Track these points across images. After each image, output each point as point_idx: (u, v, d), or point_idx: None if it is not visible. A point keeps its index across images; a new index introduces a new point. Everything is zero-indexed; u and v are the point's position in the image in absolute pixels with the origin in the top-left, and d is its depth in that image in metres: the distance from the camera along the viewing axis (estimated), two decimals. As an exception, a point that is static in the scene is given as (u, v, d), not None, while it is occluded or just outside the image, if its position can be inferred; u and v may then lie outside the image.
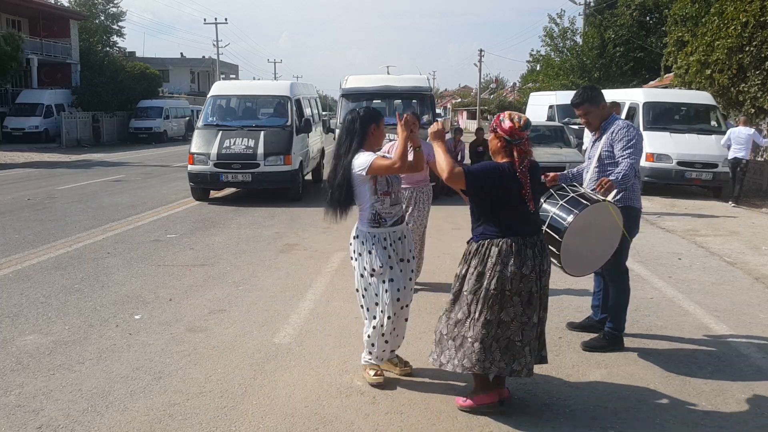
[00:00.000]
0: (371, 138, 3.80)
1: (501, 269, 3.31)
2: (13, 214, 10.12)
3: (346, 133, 3.83)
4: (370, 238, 3.76)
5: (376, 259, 3.73)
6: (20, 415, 3.52)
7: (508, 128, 3.34)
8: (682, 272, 6.73)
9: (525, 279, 3.33)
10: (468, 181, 3.34)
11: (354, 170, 3.69)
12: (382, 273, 3.74)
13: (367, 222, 3.78)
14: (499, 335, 3.36)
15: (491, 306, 3.33)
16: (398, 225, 3.83)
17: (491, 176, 3.35)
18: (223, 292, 5.87)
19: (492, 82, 75.99)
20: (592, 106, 4.36)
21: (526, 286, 3.35)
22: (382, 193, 3.74)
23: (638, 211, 4.49)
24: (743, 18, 13.47)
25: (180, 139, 33.53)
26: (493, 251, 3.34)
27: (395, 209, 3.81)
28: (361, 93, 12.75)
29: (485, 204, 3.40)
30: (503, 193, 3.34)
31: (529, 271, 3.33)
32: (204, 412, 3.54)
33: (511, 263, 3.31)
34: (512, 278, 3.31)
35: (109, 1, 43.52)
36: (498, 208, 3.37)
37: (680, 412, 3.59)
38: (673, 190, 13.19)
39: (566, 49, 31.65)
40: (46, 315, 5.21)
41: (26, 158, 22.09)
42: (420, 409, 3.59)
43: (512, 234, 3.35)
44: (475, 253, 3.40)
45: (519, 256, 3.32)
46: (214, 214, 10.24)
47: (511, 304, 3.34)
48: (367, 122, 3.80)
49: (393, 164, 3.61)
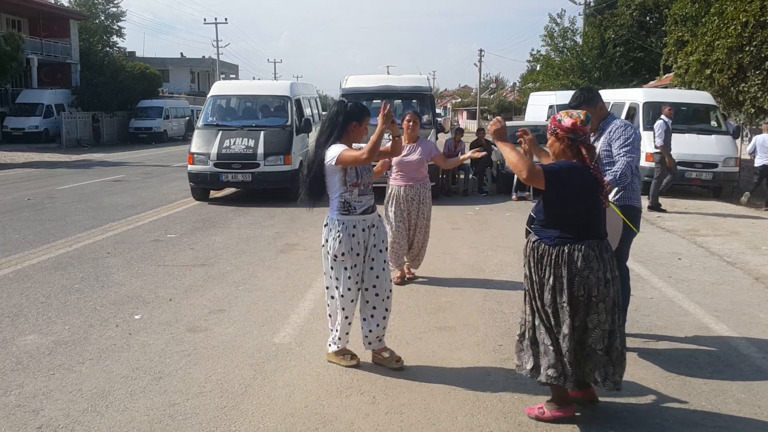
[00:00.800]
0: (350, 134, 3.95)
1: (588, 275, 3.16)
2: (13, 214, 10.12)
3: (328, 122, 3.97)
4: (338, 224, 3.90)
5: (341, 245, 3.87)
6: (20, 415, 3.52)
7: (570, 125, 3.21)
8: (682, 272, 6.73)
9: (608, 284, 3.20)
10: (548, 179, 3.18)
11: (325, 160, 3.85)
12: (344, 260, 3.90)
13: (337, 210, 3.93)
14: (583, 343, 3.22)
15: (578, 313, 3.19)
16: (368, 214, 3.97)
17: (571, 174, 3.19)
18: (223, 292, 5.87)
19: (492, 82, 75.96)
20: (590, 107, 4.37)
21: (609, 291, 3.21)
22: (351, 185, 3.88)
23: (638, 210, 4.48)
24: (743, 18, 13.47)
25: (180, 139, 33.53)
26: (577, 256, 3.17)
27: (364, 199, 3.95)
28: (361, 93, 12.75)
29: (564, 205, 3.22)
30: (583, 192, 3.20)
31: (610, 276, 3.21)
32: (204, 412, 3.54)
33: (597, 268, 3.17)
34: (598, 284, 3.17)
35: (109, 1, 43.47)
36: (577, 209, 3.22)
37: (680, 412, 3.59)
38: (673, 190, 13.18)
39: (566, 49, 31.65)
40: (46, 315, 5.21)
41: (26, 158, 22.09)
42: (420, 409, 3.59)
43: (592, 236, 3.22)
44: (557, 258, 3.22)
45: (602, 259, 3.20)
46: (214, 214, 10.24)
47: (596, 311, 3.20)
48: (349, 118, 3.93)
49: (360, 155, 3.75)
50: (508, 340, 4.66)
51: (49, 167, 19.10)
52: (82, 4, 41.94)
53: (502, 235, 8.70)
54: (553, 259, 3.23)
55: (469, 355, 4.38)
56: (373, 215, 4.03)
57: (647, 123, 13.12)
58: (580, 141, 3.22)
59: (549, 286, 3.24)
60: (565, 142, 3.24)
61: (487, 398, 3.73)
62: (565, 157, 3.27)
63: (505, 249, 7.71)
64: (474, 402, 3.68)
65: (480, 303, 5.55)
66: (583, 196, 3.21)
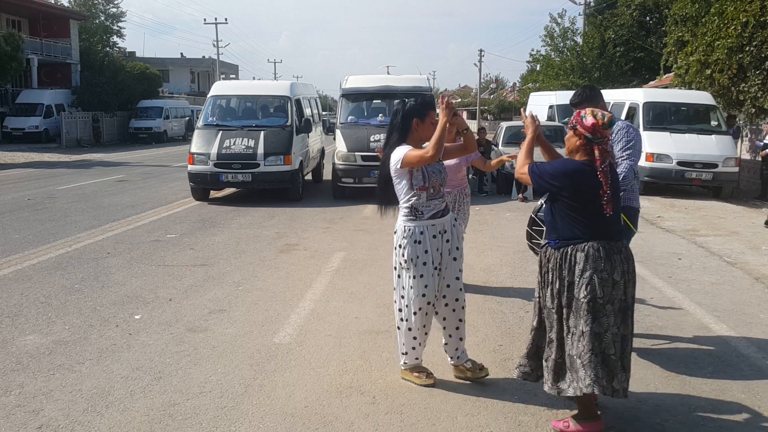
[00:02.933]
0: (414, 132, 3.70)
1: (590, 275, 3.08)
2: (13, 214, 10.12)
3: (390, 126, 3.77)
4: (405, 231, 3.68)
5: (405, 251, 3.66)
6: (20, 415, 3.52)
7: (590, 125, 3.12)
8: (682, 272, 6.73)
9: (617, 286, 3.11)
10: (533, 179, 3.22)
11: (390, 164, 3.66)
12: (408, 267, 3.67)
13: (404, 216, 3.71)
14: (596, 349, 3.09)
15: (585, 317, 3.09)
16: (438, 218, 3.70)
17: (566, 174, 3.16)
18: (223, 292, 5.87)
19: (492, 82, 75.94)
20: (591, 104, 4.36)
21: (618, 294, 3.12)
22: (418, 188, 3.64)
23: (636, 211, 4.49)
24: (743, 18, 13.46)
25: (180, 139, 33.55)
26: (579, 257, 3.12)
27: (434, 203, 3.69)
28: (361, 93, 12.76)
29: (563, 205, 3.20)
30: (581, 194, 3.14)
31: (620, 278, 3.12)
32: (204, 412, 3.54)
33: (602, 269, 3.09)
34: (603, 285, 3.08)
35: (109, 1, 43.50)
36: (577, 210, 3.15)
37: (680, 412, 3.59)
38: (673, 190, 13.19)
39: (566, 49, 31.64)
40: (46, 315, 5.21)
41: (26, 158, 22.09)
42: (420, 409, 3.59)
43: (597, 237, 3.13)
44: (560, 261, 3.18)
45: (609, 261, 3.11)
46: (214, 214, 10.24)
47: (604, 313, 3.09)
48: (410, 115, 3.69)
49: (425, 153, 3.52)
50: (508, 340, 4.66)
51: (49, 167, 19.09)
52: (82, 4, 41.95)
53: (501, 235, 8.69)
54: (557, 262, 3.20)
55: (469, 355, 4.38)
56: (444, 219, 3.73)
57: (647, 123, 13.14)
58: (596, 142, 3.13)
59: (555, 289, 3.20)
60: (582, 139, 3.17)
61: (487, 398, 3.73)
62: (578, 154, 3.20)
63: (504, 249, 7.70)
64: (474, 402, 3.68)
65: (480, 303, 5.55)
66: (581, 197, 3.14)
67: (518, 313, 5.30)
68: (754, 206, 12.09)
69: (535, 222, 4.47)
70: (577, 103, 4.35)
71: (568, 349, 3.16)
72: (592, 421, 3.26)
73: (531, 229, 4.52)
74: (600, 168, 3.10)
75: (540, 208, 4.42)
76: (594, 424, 3.26)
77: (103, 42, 41.24)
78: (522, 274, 6.50)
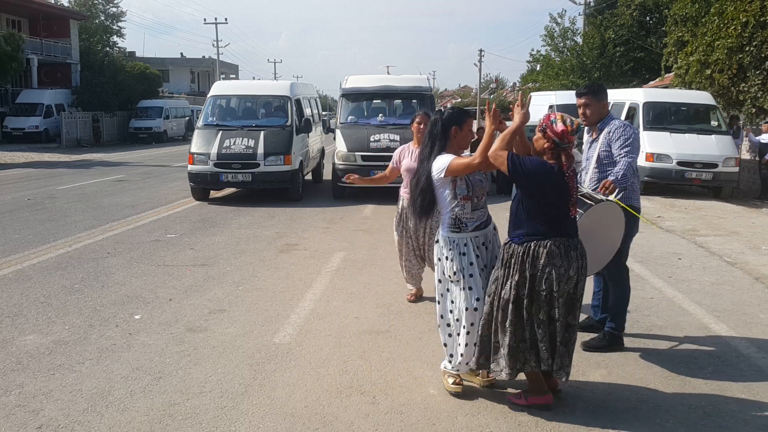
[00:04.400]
0: (453, 141, 3.66)
1: (550, 270, 3.29)
2: (13, 214, 10.12)
3: (428, 135, 3.72)
4: (449, 242, 3.63)
5: (452, 264, 3.61)
6: (20, 415, 3.52)
7: (560, 131, 3.25)
8: (682, 272, 6.73)
9: (570, 281, 3.33)
10: (510, 167, 3.27)
11: (433, 174, 3.60)
12: (458, 280, 3.61)
13: (448, 226, 3.65)
14: (543, 335, 3.36)
15: (541, 307, 3.33)
16: (481, 230, 3.67)
17: (538, 172, 3.29)
18: (223, 292, 5.87)
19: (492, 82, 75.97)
20: (595, 99, 4.39)
21: (569, 288, 3.34)
22: (462, 198, 3.59)
23: (637, 210, 4.49)
24: (743, 18, 13.46)
25: (180, 139, 33.54)
26: (541, 252, 3.31)
27: (477, 214, 3.65)
28: (361, 93, 12.76)
29: (530, 202, 3.36)
30: (551, 192, 3.29)
31: (574, 273, 3.33)
32: (204, 412, 3.54)
33: (560, 265, 3.30)
34: (559, 280, 3.30)
35: (109, 1, 43.51)
36: (544, 208, 3.33)
37: (680, 412, 3.59)
38: (673, 190, 13.19)
39: (566, 49, 31.64)
40: (46, 315, 5.21)
41: (26, 158, 22.09)
42: (420, 409, 3.59)
43: (557, 235, 3.33)
44: (523, 256, 3.34)
45: (567, 257, 3.32)
46: (214, 214, 10.24)
47: (557, 305, 3.33)
48: (449, 124, 3.66)
49: (472, 161, 3.46)
50: (508, 340, 4.66)
51: (49, 167, 19.09)
52: (82, 4, 41.95)
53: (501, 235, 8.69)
54: (519, 257, 3.36)
55: (469, 355, 4.38)
56: (486, 231, 3.72)
57: (647, 123, 13.14)
58: (562, 147, 3.29)
59: (513, 281, 3.36)
60: (549, 143, 3.31)
61: (487, 398, 3.73)
62: (545, 156, 3.35)
63: (505, 249, 7.70)
64: (474, 402, 3.68)
65: (480, 303, 5.54)
66: (550, 197, 3.31)
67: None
68: (754, 206, 12.09)
69: None
70: (583, 93, 4.42)
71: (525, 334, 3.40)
72: (540, 394, 3.56)
73: None
74: (567, 173, 3.29)
75: None
76: (541, 397, 3.55)
77: (103, 42, 41.23)
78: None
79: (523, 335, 3.40)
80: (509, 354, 3.41)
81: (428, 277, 6.34)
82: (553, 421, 3.46)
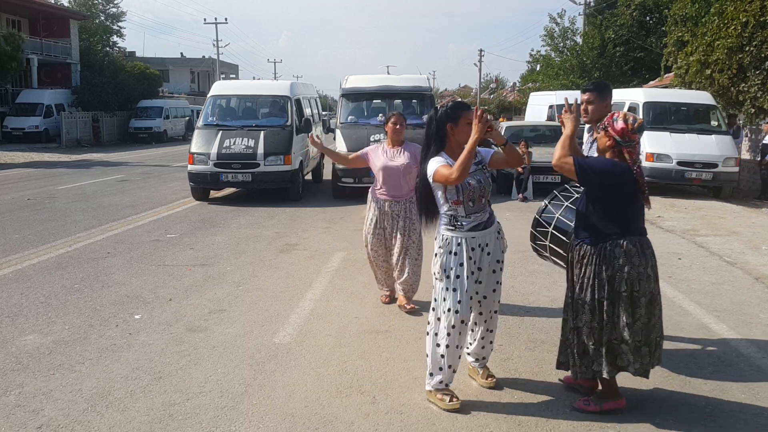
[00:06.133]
0: (451, 138, 3.55)
1: (629, 270, 3.28)
2: (13, 214, 10.12)
3: (425, 135, 3.64)
4: (443, 240, 3.57)
5: (439, 260, 3.55)
6: (20, 415, 3.52)
7: (620, 129, 3.26)
8: (682, 272, 6.73)
9: (649, 279, 3.31)
10: (579, 171, 3.28)
11: (427, 176, 3.54)
12: (441, 278, 3.53)
13: (444, 224, 3.59)
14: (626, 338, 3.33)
15: (624, 309, 3.30)
16: (480, 230, 3.55)
17: (609, 171, 3.29)
18: (223, 292, 5.87)
19: (492, 82, 75.93)
20: (599, 98, 4.36)
21: (650, 287, 3.32)
22: (453, 202, 3.51)
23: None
24: (743, 18, 13.46)
25: (180, 139, 33.53)
26: (618, 252, 3.29)
27: (475, 215, 3.54)
28: (361, 93, 12.76)
29: (600, 202, 3.35)
30: (622, 190, 3.30)
31: (651, 272, 3.33)
32: (204, 412, 3.54)
33: (639, 263, 3.29)
34: (640, 278, 3.29)
35: (109, 1, 43.53)
36: (616, 206, 3.32)
37: (680, 412, 3.58)
38: (673, 190, 13.19)
39: (566, 49, 31.64)
40: (46, 315, 5.21)
41: (26, 158, 22.09)
42: (420, 409, 3.59)
43: (631, 233, 3.33)
44: (597, 257, 3.33)
45: (643, 255, 3.31)
46: (214, 214, 10.24)
47: (639, 305, 3.31)
48: (442, 122, 3.56)
49: (450, 175, 3.36)
50: (507, 340, 4.66)
51: (49, 167, 19.09)
52: (82, 4, 41.99)
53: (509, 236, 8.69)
54: (594, 258, 3.34)
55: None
56: (485, 232, 3.58)
57: (647, 123, 13.12)
58: (624, 145, 3.28)
59: (589, 283, 3.35)
60: (611, 141, 3.31)
61: (488, 398, 3.73)
62: (608, 154, 3.35)
63: (505, 249, 7.69)
64: (474, 402, 3.68)
65: (480, 303, 5.54)
66: (621, 195, 3.30)
67: (518, 313, 5.29)
68: (754, 206, 12.09)
69: (539, 223, 4.45)
70: (588, 89, 4.38)
71: (606, 336, 3.35)
72: (615, 399, 3.53)
73: (535, 231, 4.50)
74: (635, 169, 3.28)
75: (544, 210, 4.41)
76: (616, 401, 3.52)
77: (103, 42, 41.24)
78: (522, 274, 6.50)
79: (601, 338, 3.36)
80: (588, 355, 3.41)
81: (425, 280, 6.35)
82: (553, 420, 3.46)
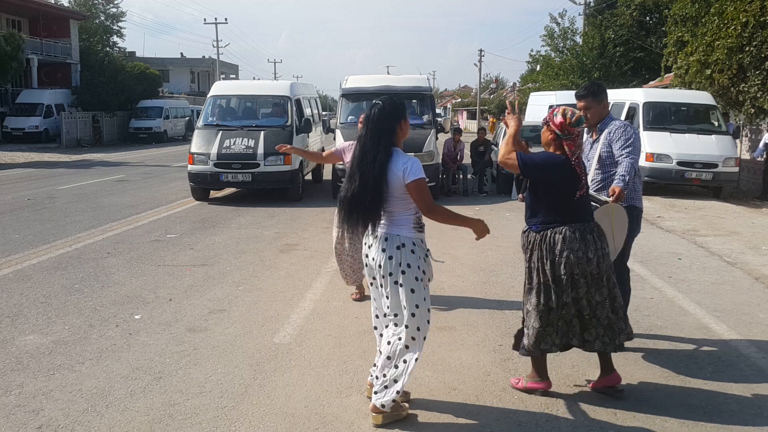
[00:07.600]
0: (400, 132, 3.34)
1: (568, 254, 3.47)
2: (13, 214, 10.12)
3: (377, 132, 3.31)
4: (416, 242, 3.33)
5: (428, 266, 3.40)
6: (20, 415, 3.52)
7: (558, 123, 3.49)
8: (682, 272, 6.73)
9: (590, 262, 3.50)
10: (522, 166, 3.51)
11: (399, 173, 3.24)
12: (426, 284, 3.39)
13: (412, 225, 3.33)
14: (563, 315, 3.55)
15: (564, 290, 3.51)
16: None
17: (549, 164, 3.51)
18: (223, 292, 5.87)
19: (492, 82, 75.92)
20: (595, 101, 4.36)
21: (591, 269, 3.51)
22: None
23: (639, 210, 4.49)
24: (743, 18, 13.45)
25: (180, 139, 33.56)
26: (557, 238, 3.50)
27: None
28: (361, 93, 12.77)
29: (543, 193, 3.56)
30: (561, 180, 3.49)
31: (593, 255, 3.50)
32: (204, 412, 3.54)
33: (577, 248, 3.48)
34: (579, 263, 3.48)
35: (109, 1, 43.48)
36: (557, 196, 3.52)
37: (680, 412, 3.58)
38: (673, 190, 13.19)
39: (566, 49, 31.63)
40: (46, 315, 5.21)
41: (26, 158, 22.09)
42: (420, 410, 3.58)
43: (572, 221, 3.53)
44: (540, 243, 3.55)
45: (584, 240, 3.50)
46: (214, 214, 10.24)
47: (579, 285, 3.52)
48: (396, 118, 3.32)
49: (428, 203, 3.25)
50: (507, 340, 4.65)
51: (49, 167, 19.09)
52: (82, 4, 41.92)
53: (501, 234, 8.69)
54: (538, 244, 3.58)
55: (469, 355, 4.39)
56: None
57: (647, 123, 13.14)
58: (564, 138, 3.50)
59: (535, 267, 3.59)
60: (552, 135, 3.55)
61: (487, 398, 3.73)
62: (551, 148, 3.58)
63: (504, 249, 7.70)
64: (474, 402, 3.68)
65: (480, 303, 5.55)
66: (560, 186, 3.50)
67: (518, 313, 5.27)
68: (754, 206, 12.09)
69: None
70: (582, 96, 4.39)
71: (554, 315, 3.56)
72: (539, 379, 3.74)
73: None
74: (573, 160, 3.50)
75: None
76: (539, 382, 3.73)
77: (103, 42, 41.19)
78: (522, 274, 6.49)
79: (549, 318, 3.56)
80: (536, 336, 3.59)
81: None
82: (553, 420, 3.46)
